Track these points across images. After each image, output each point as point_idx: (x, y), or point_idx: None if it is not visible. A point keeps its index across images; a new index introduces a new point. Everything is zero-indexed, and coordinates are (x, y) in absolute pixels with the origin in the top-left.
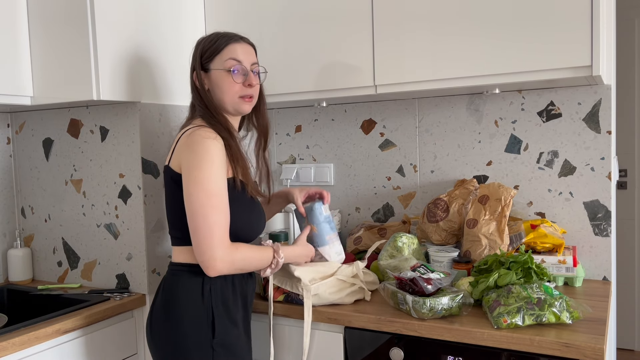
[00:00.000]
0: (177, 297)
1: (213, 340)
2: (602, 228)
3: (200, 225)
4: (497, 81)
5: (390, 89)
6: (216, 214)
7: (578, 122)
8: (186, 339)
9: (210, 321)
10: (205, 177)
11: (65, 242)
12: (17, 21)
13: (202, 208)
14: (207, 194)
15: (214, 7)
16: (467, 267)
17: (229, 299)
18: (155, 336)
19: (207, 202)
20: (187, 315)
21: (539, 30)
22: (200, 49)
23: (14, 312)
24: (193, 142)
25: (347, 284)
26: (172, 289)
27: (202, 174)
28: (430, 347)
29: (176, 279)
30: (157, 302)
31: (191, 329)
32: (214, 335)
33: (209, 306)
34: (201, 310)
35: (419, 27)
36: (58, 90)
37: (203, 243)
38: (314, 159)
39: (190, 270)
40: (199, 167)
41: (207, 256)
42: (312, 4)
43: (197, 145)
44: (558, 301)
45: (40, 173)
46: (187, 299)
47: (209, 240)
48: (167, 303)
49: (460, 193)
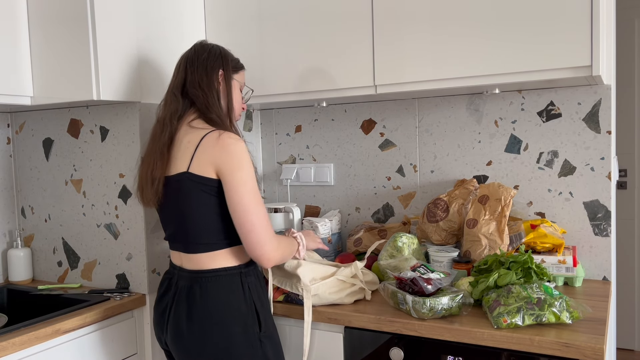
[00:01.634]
0: (222, 300)
1: (260, 333)
2: (602, 228)
3: (255, 222)
4: (497, 81)
5: (390, 89)
6: (264, 210)
7: (578, 122)
8: (236, 337)
9: (255, 316)
10: (249, 176)
11: (65, 242)
12: (17, 21)
13: (254, 206)
14: (253, 192)
15: (214, 7)
16: (467, 267)
17: (262, 293)
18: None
19: (255, 199)
20: (234, 315)
21: (539, 30)
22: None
23: (14, 312)
24: (228, 144)
25: (347, 284)
26: (214, 293)
27: (246, 174)
28: (430, 347)
29: (216, 284)
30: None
31: (239, 327)
32: (261, 328)
33: (251, 303)
34: (245, 308)
35: (419, 27)
36: (58, 90)
37: (261, 237)
38: (314, 159)
39: (228, 274)
40: (241, 168)
41: (265, 249)
42: (312, 4)
43: (234, 146)
44: (558, 301)
45: (40, 173)
46: (233, 300)
47: (264, 234)
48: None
49: (460, 193)
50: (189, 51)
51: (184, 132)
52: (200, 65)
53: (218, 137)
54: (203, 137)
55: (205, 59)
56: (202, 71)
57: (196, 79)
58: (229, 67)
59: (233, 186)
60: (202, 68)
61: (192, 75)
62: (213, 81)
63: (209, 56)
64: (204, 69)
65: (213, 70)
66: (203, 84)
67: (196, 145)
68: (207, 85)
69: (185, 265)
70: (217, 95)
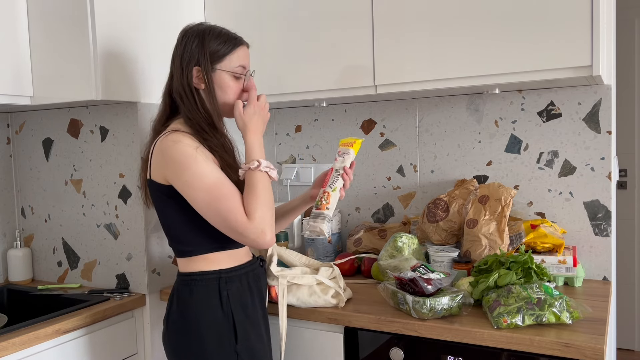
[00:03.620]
0: (194, 307)
1: (236, 346)
2: (602, 228)
3: (221, 221)
4: (497, 81)
5: (390, 89)
6: (225, 202)
7: (578, 122)
8: (209, 348)
9: (231, 327)
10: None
11: (65, 242)
12: (17, 21)
13: (214, 201)
14: (208, 187)
15: (214, 7)
16: (467, 267)
17: (247, 301)
18: (175, 349)
19: (214, 193)
20: (207, 324)
21: (539, 30)
22: (209, 46)
23: (14, 312)
24: (165, 149)
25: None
26: (187, 299)
27: (192, 172)
28: (430, 347)
29: (189, 289)
30: (173, 315)
31: (213, 337)
32: (237, 340)
33: (229, 311)
34: (221, 317)
35: (419, 27)
36: (58, 90)
37: (237, 232)
38: (314, 159)
39: (203, 278)
40: (186, 168)
41: (250, 238)
42: (312, 4)
43: (171, 150)
44: (558, 301)
45: (40, 173)
46: (205, 308)
47: (240, 228)
48: (182, 314)
49: (460, 193)
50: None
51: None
52: (176, 62)
53: (161, 139)
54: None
55: (181, 54)
56: (179, 70)
57: (176, 79)
58: (207, 59)
59: (184, 191)
60: (178, 66)
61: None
62: (190, 81)
63: (185, 49)
64: (179, 67)
65: (188, 67)
66: (180, 86)
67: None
68: (184, 88)
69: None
70: (197, 99)
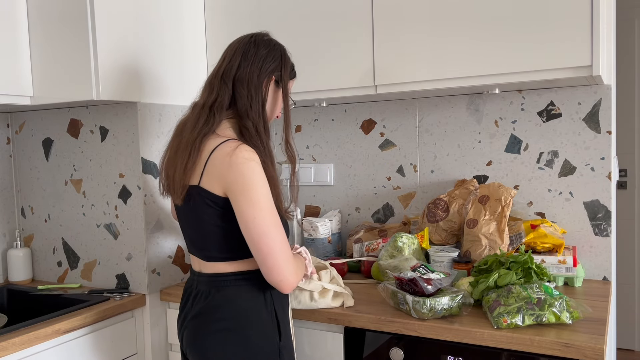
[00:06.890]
0: (241, 307)
1: (280, 344)
2: (602, 228)
3: (269, 248)
4: (497, 81)
5: (390, 89)
6: (279, 232)
7: (578, 122)
8: (257, 346)
9: (276, 325)
10: (261, 196)
11: (65, 242)
12: (17, 21)
13: (268, 228)
14: (267, 213)
15: (214, 7)
16: (467, 267)
17: (284, 301)
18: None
19: (270, 221)
20: (256, 323)
21: (539, 30)
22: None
23: (14, 312)
24: (239, 163)
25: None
26: (232, 300)
27: (258, 193)
28: (430, 347)
29: (236, 289)
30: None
31: (261, 335)
32: (281, 338)
33: (272, 311)
34: (267, 316)
35: (419, 27)
36: (58, 90)
37: (276, 265)
38: (314, 159)
39: (247, 278)
40: (252, 188)
41: (282, 276)
42: (312, 4)
43: (245, 165)
44: (558, 301)
45: (40, 173)
46: (253, 307)
47: (281, 262)
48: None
49: (460, 193)
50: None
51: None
52: (256, 62)
53: (230, 151)
54: (215, 147)
55: (264, 56)
56: (256, 69)
57: (247, 75)
58: (287, 73)
59: (242, 208)
60: (257, 66)
61: (244, 69)
62: (262, 84)
63: (269, 54)
64: (258, 67)
65: (267, 72)
66: (252, 84)
67: (208, 156)
68: (255, 88)
69: (204, 270)
70: (263, 102)
